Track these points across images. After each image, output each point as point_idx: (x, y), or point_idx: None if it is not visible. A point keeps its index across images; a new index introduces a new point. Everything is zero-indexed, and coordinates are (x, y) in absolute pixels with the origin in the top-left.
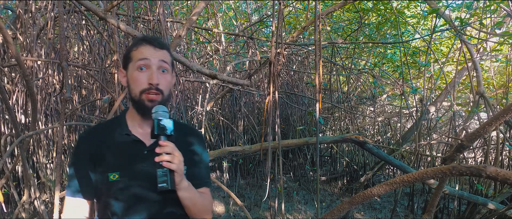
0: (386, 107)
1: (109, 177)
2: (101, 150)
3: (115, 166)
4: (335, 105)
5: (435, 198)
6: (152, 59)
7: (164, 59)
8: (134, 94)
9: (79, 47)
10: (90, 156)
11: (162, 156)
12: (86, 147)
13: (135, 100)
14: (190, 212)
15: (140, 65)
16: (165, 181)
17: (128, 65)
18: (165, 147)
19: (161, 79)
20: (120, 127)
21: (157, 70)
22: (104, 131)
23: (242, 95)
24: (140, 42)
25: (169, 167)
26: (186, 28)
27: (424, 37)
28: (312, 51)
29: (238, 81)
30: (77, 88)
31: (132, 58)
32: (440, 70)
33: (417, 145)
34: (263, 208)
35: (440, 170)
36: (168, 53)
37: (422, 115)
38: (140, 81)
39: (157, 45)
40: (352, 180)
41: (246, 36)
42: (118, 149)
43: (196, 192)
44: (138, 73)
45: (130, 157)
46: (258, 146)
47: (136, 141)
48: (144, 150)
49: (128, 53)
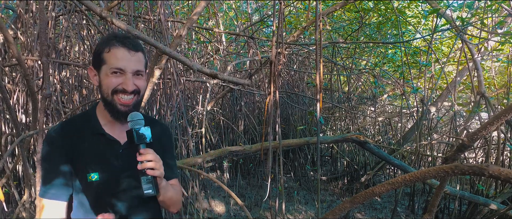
0: (386, 107)
1: (88, 177)
2: (75, 151)
3: (94, 166)
4: (335, 105)
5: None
6: (128, 68)
7: (139, 66)
8: (106, 95)
9: (80, 47)
10: (65, 155)
11: (144, 164)
12: (59, 145)
13: (107, 101)
14: (165, 204)
15: (115, 71)
16: (150, 188)
17: (101, 67)
18: (147, 154)
19: (137, 83)
20: (92, 124)
21: (132, 77)
22: (75, 129)
23: (243, 95)
24: (113, 43)
25: (153, 174)
26: (187, 28)
27: (425, 37)
28: (313, 51)
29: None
30: (78, 88)
31: (106, 61)
32: (441, 70)
33: (418, 145)
34: (264, 208)
35: (443, 169)
36: (142, 55)
37: (423, 115)
38: (114, 84)
39: (132, 47)
40: (353, 180)
41: (247, 36)
42: (94, 148)
43: (171, 187)
44: (112, 77)
45: (107, 157)
46: (259, 145)
47: (111, 140)
48: (120, 149)
49: (100, 54)
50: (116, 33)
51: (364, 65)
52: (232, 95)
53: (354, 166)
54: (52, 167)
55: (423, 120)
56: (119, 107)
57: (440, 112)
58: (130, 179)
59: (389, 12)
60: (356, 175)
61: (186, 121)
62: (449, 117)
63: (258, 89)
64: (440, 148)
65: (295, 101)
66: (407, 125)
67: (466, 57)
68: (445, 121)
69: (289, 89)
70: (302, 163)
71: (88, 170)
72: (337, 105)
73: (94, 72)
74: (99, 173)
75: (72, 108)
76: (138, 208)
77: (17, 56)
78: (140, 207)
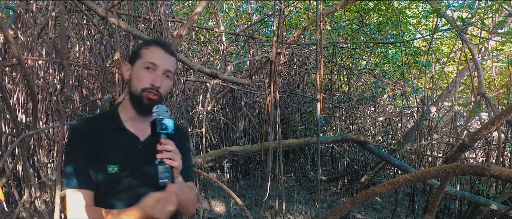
0: (387, 107)
1: (108, 169)
2: (98, 143)
3: (114, 159)
4: (336, 105)
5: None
6: (161, 65)
7: (171, 67)
8: (135, 89)
9: (80, 47)
10: (87, 149)
11: (164, 153)
12: (83, 140)
13: (134, 96)
14: (181, 205)
15: (148, 66)
16: (167, 177)
17: (136, 61)
18: (167, 145)
19: (164, 84)
20: (114, 120)
21: (162, 75)
22: (98, 124)
23: (243, 95)
24: (153, 43)
25: (171, 164)
26: (187, 28)
27: (425, 37)
28: (313, 51)
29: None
30: (78, 88)
31: (142, 56)
32: (441, 70)
33: (418, 145)
34: (264, 208)
35: (444, 169)
36: (175, 61)
37: (423, 115)
38: (144, 80)
39: (168, 51)
40: (353, 180)
41: (247, 36)
42: (114, 143)
43: (186, 186)
44: (143, 72)
45: (126, 151)
46: (259, 145)
47: (131, 136)
48: (139, 145)
49: (139, 50)
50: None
51: (364, 65)
52: (232, 95)
53: (354, 166)
54: (75, 159)
55: (423, 120)
56: (145, 101)
57: (440, 112)
58: (147, 174)
59: (389, 12)
60: (356, 175)
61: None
62: (450, 117)
63: (258, 89)
64: (441, 148)
65: (295, 102)
66: (408, 125)
67: (466, 57)
68: (445, 121)
69: (290, 89)
70: (302, 163)
71: (109, 162)
72: (337, 106)
73: (127, 67)
74: (119, 166)
75: (72, 109)
76: None
77: (17, 56)
78: None
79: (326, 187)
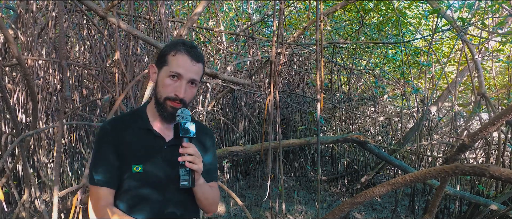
0: (387, 107)
1: (133, 168)
2: (123, 142)
3: (138, 159)
4: (336, 105)
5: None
6: (186, 74)
7: (196, 75)
8: (159, 96)
9: (80, 47)
10: (114, 146)
11: (185, 157)
12: (110, 137)
13: (159, 102)
14: (202, 204)
15: (173, 74)
16: (187, 180)
17: (162, 67)
18: (188, 148)
19: (188, 92)
20: (141, 120)
21: (187, 84)
22: (126, 122)
23: (243, 95)
24: (180, 48)
25: (191, 167)
26: (187, 28)
27: (425, 37)
28: (313, 51)
29: (239, 81)
30: (78, 88)
31: (168, 63)
32: (442, 71)
33: (418, 145)
34: (264, 208)
35: (443, 169)
36: (202, 66)
37: (423, 115)
38: (169, 89)
39: (195, 58)
40: (353, 180)
41: (247, 36)
42: (141, 141)
43: (208, 186)
44: (169, 81)
45: (151, 152)
46: (259, 146)
47: (157, 136)
48: (164, 145)
49: (165, 55)
50: (184, 41)
51: (364, 65)
52: (232, 95)
53: (354, 166)
54: (101, 157)
55: (423, 120)
56: (169, 109)
57: (440, 112)
58: (171, 174)
59: (389, 12)
60: (356, 175)
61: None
62: (450, 117)
63: (258, 89)
64: (441, 148)
65: (295, 102)
66: (408, 125)
67: (466, 57)
68: (445, 121)
69: (290, 89)
70: (302, 163)
71: (134, 161)
72: (337, 106)
73: (154, 70)
74: (144, 165)
75: (72, 109)
76: (176, 203)
77: (17, 56)
78: (178, 202)
79: (326, 187)
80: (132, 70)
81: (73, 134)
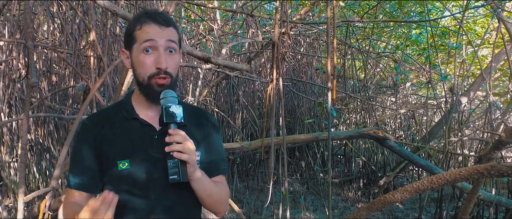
0: (410, 97)
1: (119, 165)
2: (108, 137)
3: (124, 153)
4: (350, 95)
5: (468, 204)
6: (159, 40)
7: (172, 38)
8: (141, 78)
9: (49, 26)
10: (95, 144)
11: (172, 146)
12: (91, 134)
13: (143, 85)
14: (205, 204)
15: (146, 47)
16: (176, 173)
17: (132, 47)
18: (175, 135)
19: (170, 61)
20: (126, 110)
21: (164, 52)
22: (109, 115)
23: (241, 83)
24: (144, 19)
25: (180, 157)
26: (175, 4)
27: (455, 14)
28: (324, 31)
29: (235, 66)
30: (47, 74)
31: (137, 39)
32: (474, 54)
33: (447, 141)
34: (265, 215)
35: (477, 170)
36: (175, 30)
37: (452, 107)
38: (148, 65)
39: (163, 22)
40: (370, 183)
41: (246, 13)
42: (126, 134)
43: (211, 182)
44: (144, 56)
45: (140, 143)
46: (259, 142)
47: (145, 125)
48: (155, 135)
49: (131, 32)
50: (147, 10)
51: (383, 48)
52: (228, 83)
53: (371, 166)
54: (79, 157)
55: (452, 112)
56: (156, 88)
57: (472, 103)
58: (163, 168)
59: None
60: (374, 177)
61: None
62: (484, 109)
63: (258, 76)
64: (473, 145)
65: (302, 91)
66: (434, 119)
67: (503, 38)
68: (478, 113)
69: (295, 76)
70: (310, 162)
71: (119, 157)
72: (351, 95)
73: (126, 54)
74: (130, 160)
75: (39, 98)
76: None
77: None
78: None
79: (338, 191)
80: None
81: (40, 128)
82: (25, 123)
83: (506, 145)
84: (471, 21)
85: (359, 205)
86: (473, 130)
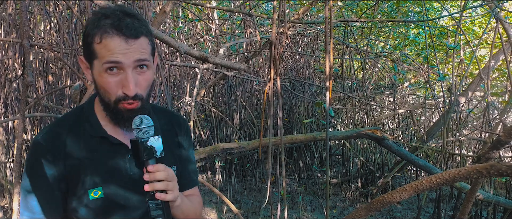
0: (408, 97)
1: (90, 194)
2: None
3: (95, 181)
4: (348, 95)
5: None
6: (126, 61)
7: (142, 54)
8: (107, 99)
9: (46, 25)
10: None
11: (153, 184)
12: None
13: (109, 108)
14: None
15: (110, 67)
16: (160, 215)
17: (93, 62)
18: (155, 173)
19: (140, 81)
20: (90, 124)
21: (133, 71)
22: (71, 131)
23: (238, 83)
24: (105, 29)
25: (164, 199)
26: (172, 3)
27: (453, 14)
28: (322, 31)
29: (233, 65)
30: (43, 74)
31: (97, 55)
32: (472, 54)
33: (445, 142)
34: (263, 215)
35: (476, 169)
36: (146, 38)
37: (450, 107)
38: (112, 87)
39: (130, 35)
40: (368, 183)
41: (244, 13)
42: (94, 156)
43: (188, 201)
44: (108, 76)
45: (112, 166)
46: (257, 142)
47: (115, 145)
48: (127, 154)
49: (90, 43)
50: (106, 12)
51: (381, 48)
52: (225, 83)
53: (369, 166)
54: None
55: (451, 112)
56: (125, 114)
57: (471, 103)
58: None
59: None
60: (372, 177)
61: None
62: (482, 109)
63: (256, 76)
64: (471, 145)
65: (300, 90)
66: (432, 119)
67: (501, 38)
68: (476, 113)
69: (293, 76)
70: (308, 163)
71: (89, 185)
72: (349, 95)
73: (85, 64)
74: (104, 188)
75: (35, 98)
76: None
77: None
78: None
79: (336, 191)
80: None
81: (37, 128)
82: (21, 123)
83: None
84: (469, 21)
85: (357, 205)
86: (471, 130)
